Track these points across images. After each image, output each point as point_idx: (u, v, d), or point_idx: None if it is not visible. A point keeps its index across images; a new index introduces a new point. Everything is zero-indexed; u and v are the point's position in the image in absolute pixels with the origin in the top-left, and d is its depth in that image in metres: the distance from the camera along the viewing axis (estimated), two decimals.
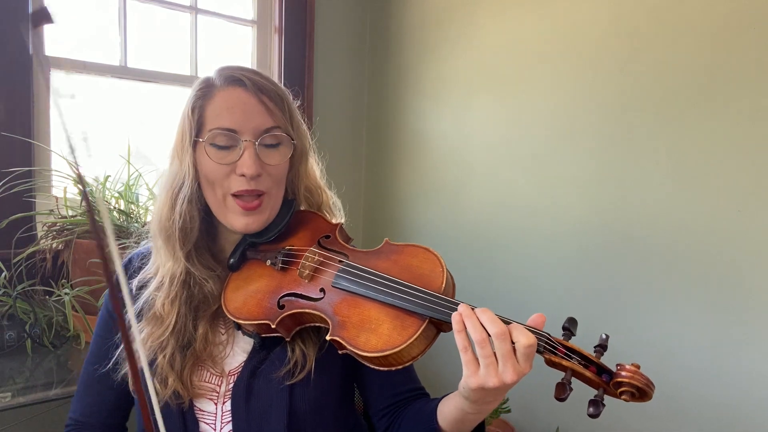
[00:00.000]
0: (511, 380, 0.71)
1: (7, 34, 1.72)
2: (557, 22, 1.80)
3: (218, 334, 0.98)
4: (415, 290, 0.81)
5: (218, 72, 0.95)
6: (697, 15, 1.47)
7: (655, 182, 1.57)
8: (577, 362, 0.74)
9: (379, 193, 2.54)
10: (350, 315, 0.84)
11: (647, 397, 0.72)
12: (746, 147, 1.39)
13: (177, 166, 0.94)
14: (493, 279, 2.03)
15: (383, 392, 1.00)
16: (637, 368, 0.72)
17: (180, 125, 0.95)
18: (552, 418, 1.83)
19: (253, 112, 0.91)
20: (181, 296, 0.93)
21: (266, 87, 0.93)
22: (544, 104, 1.85)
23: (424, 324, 0.79)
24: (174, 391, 0.91)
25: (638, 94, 1.60)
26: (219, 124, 0.90)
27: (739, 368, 1.43)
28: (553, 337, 0.76)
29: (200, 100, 0.92)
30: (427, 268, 0.86)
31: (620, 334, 1.64)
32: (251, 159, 0.90)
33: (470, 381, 0.73)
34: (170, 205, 0.93)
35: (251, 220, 0.94)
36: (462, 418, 0.83)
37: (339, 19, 2.49)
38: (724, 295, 1.45)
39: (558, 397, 0.71)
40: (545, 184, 1.85)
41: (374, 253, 0.93)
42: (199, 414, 0.94)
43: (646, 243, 1.60)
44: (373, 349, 0.79)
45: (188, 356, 0.93)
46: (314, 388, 0.93)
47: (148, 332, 0.93)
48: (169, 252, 0.94)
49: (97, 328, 1.05)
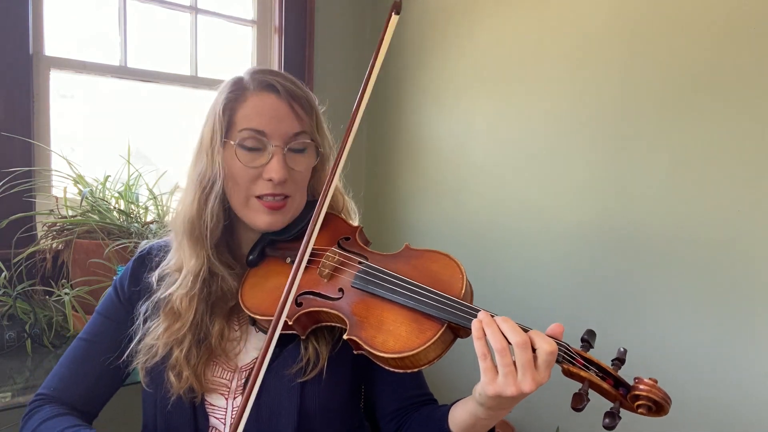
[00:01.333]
0: (529, 389, 0.71)
1: (7, 34, 1.72)
2: (557, 22, 1.80)
3: (233, 330, 0.99)
4: (435, 294, 0.81)
5: (251, 75, 0.95)
6: (697, 14, 1.47)
7: (654, 182, 1.57)
8: (594, 374, 0.74)
9: (379, 193, 2.54)
10: (368, 316, 0.84)
11: (663, 411, 0.72)
12: (747, 147, 1.39)
13: (206, 165, 0.94)
14: (493, 279, 2.03)
15: (393, 396, 1.00)
16: (654, 382, 0.72)
17: (209, 123, 0.95)
18: (552, 418, 1.83)
19: (284, 118, 0.92)
20: (200, 293, 0.94)
21: (297, 94, 0.94)
22: (544, 104, 1.85)
23: (443, 328, 0.79)
24: (189, 385, 0.91)
25: (638, 93, 1.60)
26: (249, 125, 0.91)
27: (740, 368, 1.42)
28: (572, 347, 0.76)
29: (231, 102, 0.93)
30: (447, 273, 0.87)
31: (620, 333, 1.64)
32: (279, 164, 0.91)
33: (488, 389, 0.73)
34: (200, 204, 0.94)
35: (275, 218, 0.95)
36: (474, 424, 0.84)
37: (339, 19, 2.49)
38: (725, 294, 1.45)
39: (575, 407, 0.71)
40: (545, 183, 1.85)
41: (393, 256, 0.93)
42: (209, 408, 0.95)
43: (645, 243, 1.59)
44: (391, 350, 0.79)
45: (203, 351, 0.94)
46: (325, 387, 0.93)
47: (165, 326, 0.93)
48: (192, 250, 0.94)
49: (101, 308, 1.03)
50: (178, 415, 0.93)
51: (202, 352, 0.94)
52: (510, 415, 1.89)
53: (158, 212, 1.77)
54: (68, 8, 1.93)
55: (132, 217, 1.71)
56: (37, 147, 1.80)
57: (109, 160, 1.86)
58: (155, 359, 0.94)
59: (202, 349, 0.94)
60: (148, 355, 0.94)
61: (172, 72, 2.15)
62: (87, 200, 1.66)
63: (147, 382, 0.96)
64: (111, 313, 1.02)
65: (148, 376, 0.96)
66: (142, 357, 0.94)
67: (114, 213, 1.70)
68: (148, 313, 0.97)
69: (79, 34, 1.97)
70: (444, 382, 2.02)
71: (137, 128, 2.10)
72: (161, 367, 0.94)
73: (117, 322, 1.00)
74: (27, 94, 1.77)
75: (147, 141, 2.11)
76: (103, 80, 2.00)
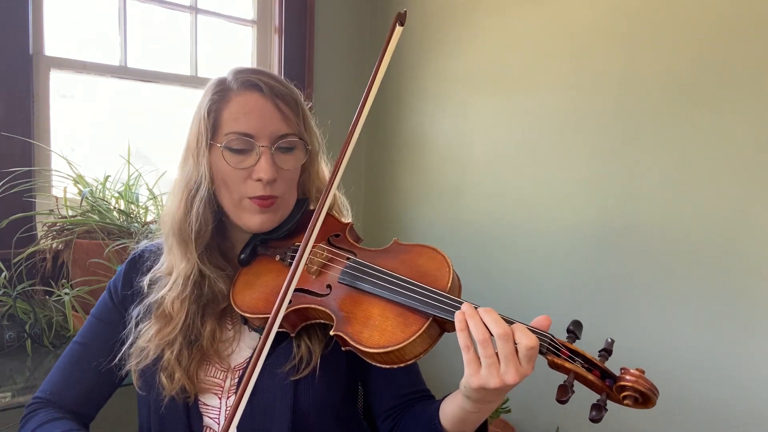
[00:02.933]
0: (512, 381, 0.71)
1: (7, 34, 1.72)
2: (557, 22, 1.80)
3: (225, 330, 0.99)
4: (420, 288, 0.82)
5: (234, 75, 0.95)
6: (698, 14, 1.47)
7: (655, 182, 1.57)
8: (580, 365, 0.73)
9: (379, 193, 2.54)
10: (355, 311, 0.84)
11: (650, 403, 0.70)
12: (748, 146, 1.39)
13: (192, 168, 0.94)
14: (492, 278, 2.03)
15: (388, 393, 1.00)
16: (641, 373, 0.71)
17: (194, 126, 0.95)
18: (552, 418, 1.83)
19: (269, 118, 0.92)
20: (191, 296, 0.94)
21: (282, 92, 0.94)
22: (544, 104, 1.85)
23: (428, 322, 0.79)
24: (181, 385, 0.91)
25: (639, 93, 1.60)
26: (236, 129, 0.91)
27: (740, 368, 1.42)
28: (557, 339, 0.75)
29: (216, 104, 0.93)
30: (433, 267, 0.87)
31: (620, 333, 1.64)
32: (268, 164, 0.91)
33: (471, 380, 0.73)
34: (186, 208, 0.94)
35: (266, 218, 0.95)
36: (464, 418, 0.83)
37: (339, 19, 2.49)
38: (725, 294, 1.45)
39: (559, 399, 0.70)
40: (545, 183, 1.85)
41: (382, 252, 0.94)
42: (203, 408, 0.95)
43: (646, 242, 1.59)
44: (376, 345, 0.79)
45: (195, 352, 0.94)
46: (319, 385, 0.93)
47: (156, 329, 0.94)
48: (182, 253, 0.94)
49: (96, 310, 1.03)
50: (171, 417, 0.93)
51: (194, 353, 0.94)
52: (510, 415, 1.89)
53: (158, 212, 1.77)
54: (68, 8, 1.93)
55: (132, 217, 1.71)
56: (37, 147, 1.80)
57: (109, 160, 1.86)
58: (146, 362, 0.94)
59: (194, 351, 0.94)
60: (139, 358, 0.94)
61: (172, 72, 2.15)
62: (87, 200, 1.66)
63: (140, 385, 0.96)
64: (105, 316, 1.02)
65: (140, 379, 0.96)
66: (134, 360, 0.94)
67: (114, 213, 1.70)
68: (140, 317, 0.97)
69: (79, 34, 1.97)
70: (436, 376, 2.02)
71: (137, 128, 2.10)
72: (153, 369, 0.94)
73: (111, 325, 1.00)
74: (27, 94, 1.77)
75: (147, 141, 2.10)
76: (103, 80, 2.00)
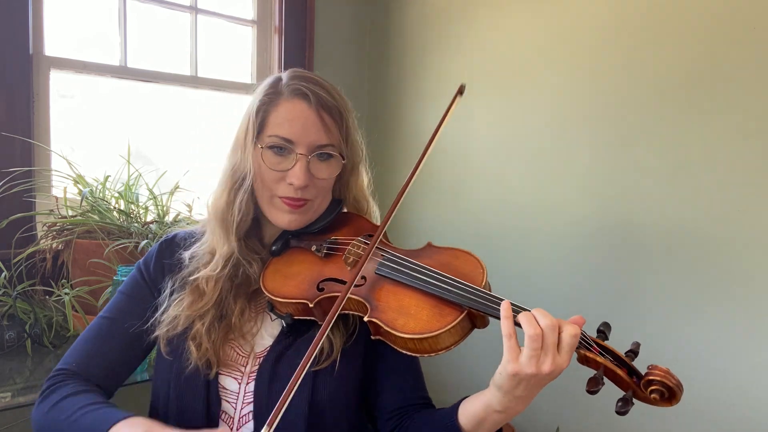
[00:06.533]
0: (548, 370, 0.74)
1: (7, 34, 1.72)
2: (557, 21, 1.80)
3: (250, 315, 1.03)
4: (457, 282, 0.85)
5: (288, 79, 1.00)
6: (698, 14, 1.47)
7: (655, 182, 1.57)
8: (610, 361, 0.77)
9: (379, 193, 2.53)
10: (390, 301, 0.87)
11: (675, 399, 0.74)
12: (748, 145, 1.39)
13: (239, 160, 0.99)
14: (493, 278, 2.02)
15: (396, 394, 1.02)
16: (668, 370, 0.75)
17: (244, 121, 1.01)
18: (552, 418, 1.83)
19: (311, 127, 0.96)
20: (226, 275, 0.99)
21: (328, 103, 0.98)
22: (544, 103, 1.85)
23: (463, 314, 0.83)
24: (206, 358, 0.94)
25: (639, 92, 1.60)
26: (278, 132, 0.96)
27: (740, 366, 1.42)
28: (589, 335, 0.80)
29: (265, 105, 0.98)
30: (468, 268, 0.91)
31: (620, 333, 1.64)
32: (301, 171, 0.96)
33: (509, 366, 0.76)
34: (229, 198, 1.00)
35: (294, 218, 1.00)
36: (485, 418, 0.85)
37: (339, 19, 2.49)
38: (726, 293, 1.45)
39: (590, 389, 0.74)
40: (545, 183, 1.85)
41: (415, 251, 0.99)
42: (222, 392, 0.96)
43: (646, 242, 1.59)
44: (411, 331, 0.81)
45: (222, 327, 0.98)
46: (336, 379, 0.96)
47: (189, 301, 0.98)
48: (223, 237, 1.00)
49: (124, 287, 1.06)
50: (191, 393, 0.95)
51: (222, 328, 0.98)
52: None
53: (158, 212, 1.77)
54: (68, 8, 1.93)
55: (132, 217, 1.71)
56: (37, 147, 1.80)
57: (109, 160, 1.86)
58: (175, 331, 0.97)
59: (222, 326, 0.98)
60: (170, 326, 0.97)
61: (172, 72, 2.15)
62: (87, 200, 1.66)
63: (167, 351, 0.98)
64: (135, 292, 1.05)
65: (168, 346, 0.98)
66: (164, 327, 0.98)
67: (114, 213, 1.70)
68: (174, 287, 1.01)
69: (79, 34, 1.97)
70: (443, 385, 2.02)
71: (137, 128, 2.10)
72: (182, 338, 0.97)
73: (141, 300, 1.03)
74: (27, 94, 1.77)
75: (147, 141, 2.11)
76: (103, 80, 2.00)
